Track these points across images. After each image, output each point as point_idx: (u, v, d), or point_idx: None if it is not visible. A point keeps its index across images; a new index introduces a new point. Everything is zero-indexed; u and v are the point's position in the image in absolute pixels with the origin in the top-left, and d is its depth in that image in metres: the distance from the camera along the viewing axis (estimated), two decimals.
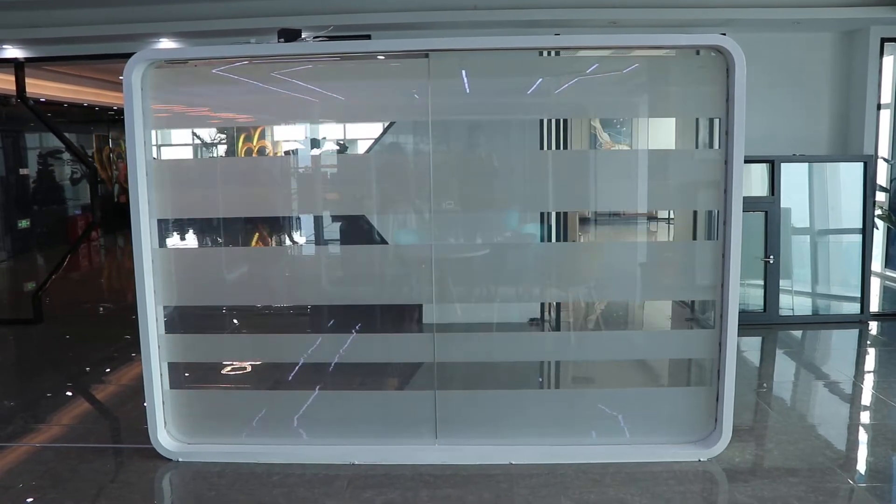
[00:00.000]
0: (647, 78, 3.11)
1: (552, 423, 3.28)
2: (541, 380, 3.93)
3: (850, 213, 5.56)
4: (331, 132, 7.32)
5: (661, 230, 7.14)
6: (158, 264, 3.20)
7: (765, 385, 4.22)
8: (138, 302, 3.16)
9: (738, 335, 3.15)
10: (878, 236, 5.93)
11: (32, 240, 9.58)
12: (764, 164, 5.49)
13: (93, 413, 4.00)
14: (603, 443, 3.25)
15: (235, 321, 4.90)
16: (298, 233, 6.09)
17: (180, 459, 3.25)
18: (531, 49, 3.18)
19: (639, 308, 4.49)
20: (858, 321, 5.48)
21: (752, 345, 5.07)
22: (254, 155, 6.82)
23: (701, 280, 3.16)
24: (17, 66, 5.73)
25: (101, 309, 6.74)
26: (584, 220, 6.02)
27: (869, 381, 4.27)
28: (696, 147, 5.05)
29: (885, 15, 5.45)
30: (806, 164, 5.62)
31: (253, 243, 5.86)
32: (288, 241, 6.39)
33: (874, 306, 5.77)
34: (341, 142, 7.38)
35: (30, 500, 2.90)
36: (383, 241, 3.49)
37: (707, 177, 3.08)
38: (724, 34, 3.13)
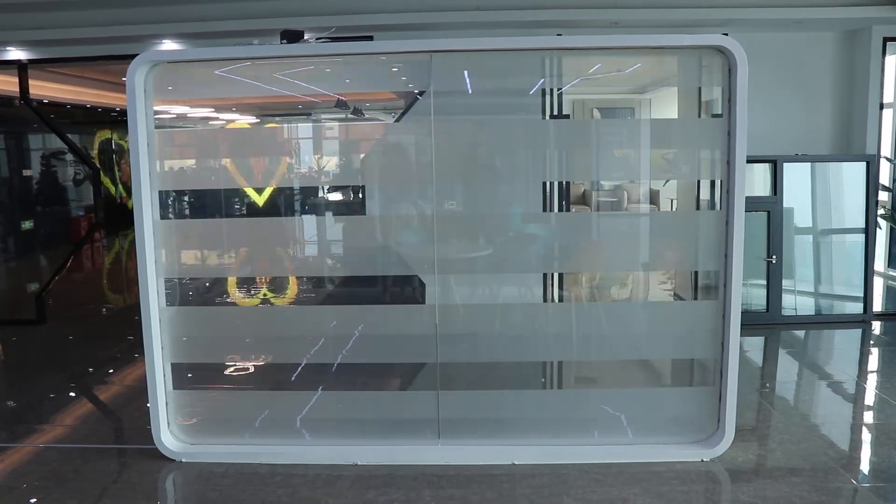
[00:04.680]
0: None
1: (555, 423, 3.28)
2: (543, 380, 3.93)
3: (853, 212, 5.55)
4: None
5: None
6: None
7: (767, 385, 4.22)
8: (142, 303, 3.17)
9: (741, 335, 3.15)
10: (881, 236, 5.92)
11: (35, 241, 9.60)
12: (766, 164, 5.49)
13: (96, 413, 4.01)
14: (605, 443, 3.26)
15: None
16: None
17: (183, 460, 3.25)
18: (534, 50, 3.18)
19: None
20: (861, 321, 5.48)
21: (755, 344, 5.06)
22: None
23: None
24: (21, 68, 5.75)
25: (104, 310, 6.75)
26: None
27: (872, 381, 4.26)
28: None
29: (887, 14, 5.45)
30: (808, 164, 5.61)
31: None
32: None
33: (877, 306, 5.76)
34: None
35: (33, 500, 2.91)
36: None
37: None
38: (726, 34, 3.12)
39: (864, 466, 3.12)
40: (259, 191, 4.45)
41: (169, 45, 6.05)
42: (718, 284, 3.14)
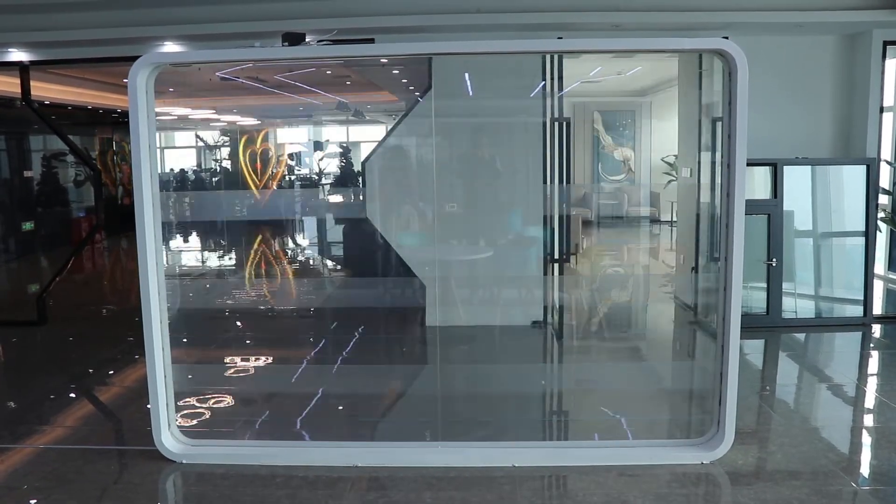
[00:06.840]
0: None
1: (554, 424, 3.28)
2: (544, 383, 3.93)
3: (853, 215, 5.56)
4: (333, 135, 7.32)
5: (663, 232, 7.14)
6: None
7: (767, 388, 4.22)
8: (143, 303, 3.18)
9: (741, 338, 3.15)
10: (881, 239, 5.92)
11: (36, 242, 9.60)
12: (767, 167, 5.49)
13: (97, 414, 4.01)
14: (606, 445, 3.26)
15: (238, 324, 4.91)
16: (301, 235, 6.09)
17: (184, 461, 3.26)
18: (534, 52, 3.19)
19: (642, 311, 4.49)
20: (861, 324, 5.48)
21: (755, 347, 5.06)
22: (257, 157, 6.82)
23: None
24: (22, 69, 5.76)
25: (105, 311, 6.75)
26: (586, 223, 6.03)
27: (872, 384, 4.26)
28: (700, 149, 5.05)
29: (887, 18, 5.45)
30: (809, 167, 5.62)
31: (255, 244, 5.87)
32: (291, 244, 6.40)
33: (877, 309, 5.76)
34: (344, 144, 7.37)
35: (33, 501, 2.91)
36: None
37: None
38: (727, 38, 3.12)
39: (864, 469, 3.12)
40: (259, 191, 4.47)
41: (171, 47, 6.06)
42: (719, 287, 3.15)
